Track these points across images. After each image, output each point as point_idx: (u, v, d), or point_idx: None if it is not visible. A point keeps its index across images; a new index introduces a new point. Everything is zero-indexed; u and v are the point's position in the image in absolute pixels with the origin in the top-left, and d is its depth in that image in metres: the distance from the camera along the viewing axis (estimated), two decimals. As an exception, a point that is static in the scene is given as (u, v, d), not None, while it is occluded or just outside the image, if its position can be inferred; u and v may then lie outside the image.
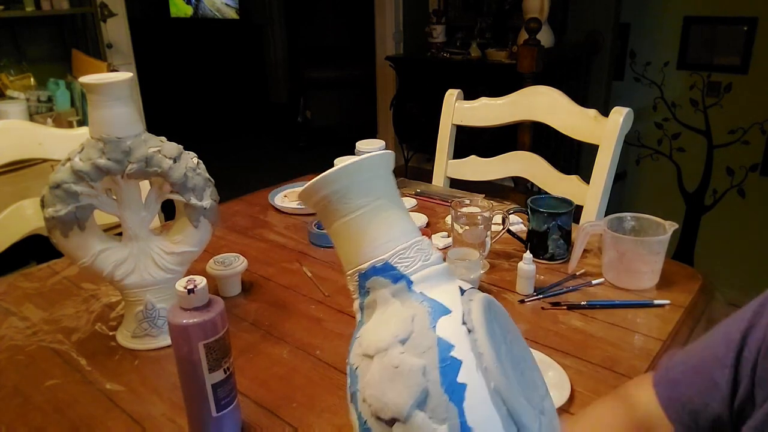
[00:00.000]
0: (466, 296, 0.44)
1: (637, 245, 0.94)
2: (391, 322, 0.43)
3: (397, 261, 0.45)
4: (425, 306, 0.43)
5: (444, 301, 0.43)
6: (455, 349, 0.39)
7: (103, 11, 2.68)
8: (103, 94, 0.75)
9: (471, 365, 0.39)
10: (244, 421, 0.69)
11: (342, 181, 0.45)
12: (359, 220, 0.45)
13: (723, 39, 2.54)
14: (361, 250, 0.45)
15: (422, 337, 0.40)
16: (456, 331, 0.40)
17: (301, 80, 4.96)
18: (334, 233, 0.47)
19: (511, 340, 0.45)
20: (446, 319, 0.41)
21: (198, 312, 0.62)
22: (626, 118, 1.21)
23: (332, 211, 0.46)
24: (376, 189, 0.45)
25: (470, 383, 0.38)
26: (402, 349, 0.41)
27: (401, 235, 0.46)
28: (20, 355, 0.84)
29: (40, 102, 2.44)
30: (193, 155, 0.83)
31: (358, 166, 0.45)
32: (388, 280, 0.44)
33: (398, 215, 0.46)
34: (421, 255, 0.45)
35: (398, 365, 0.40)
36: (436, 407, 0.38)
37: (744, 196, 2.66)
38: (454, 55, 3.00)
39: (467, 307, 0.42)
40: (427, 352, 0.40)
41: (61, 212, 0.77)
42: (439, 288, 0.44)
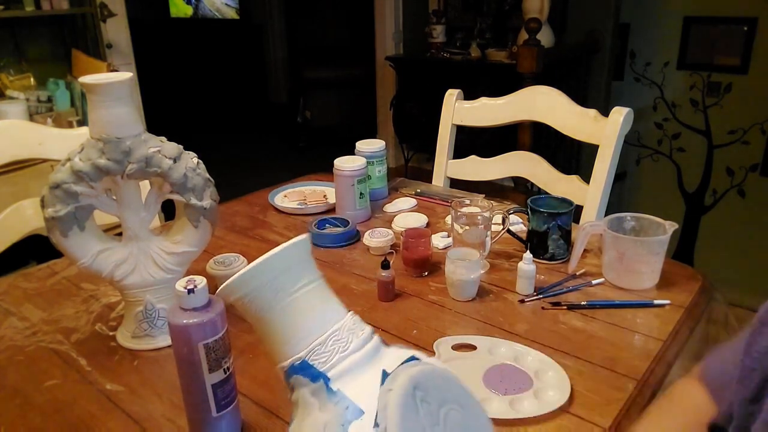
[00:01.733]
0: (387, 384, 0.43)
1: (637, 245, 0.94)
2: (309, 429, 0.43)
3: (314, 357, 0.45)
4: (339, 409, 0.43)
5: (361, 399, 0.43)
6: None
7: (103, 11, 2.68)
8: (103, 94, 0.75)
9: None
10: (244, 421, 0.69)
11: (252, 283, 0.45)
12: (275, 317, 0.46)
13: (723, 39, 2.54)
14: (281, 348, 0.46)
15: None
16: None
17: (301, 80, 4.96)
18: (256, 329, 0.48)
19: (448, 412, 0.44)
20: (358, 423, 0.41)
21: (198, 312, 0.62)
22: (626, 118, 1.21)
23: (248, 310, 0.47)
24: (288, 284, 0.46)
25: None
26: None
27: (318, 328, 0.46)
28: (20, 355, 0.84)
29: (40, 102, 2.44)
30: (193, 155, 0.83)
31: (261, 267, 0.45)
32: (307, 379, 0.45)
33: (315, 305, 0.46)
34: (339, 346, 0.45)
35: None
36: None
37: (744, 196, 2.66)
38: (454, 55, 3.01)
39: (383, 402, 0.41)
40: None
41: (61, 212, 0.77)
42: (359, 380, 0.44)
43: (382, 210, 1.32)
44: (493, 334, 0.84)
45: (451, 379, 0.46)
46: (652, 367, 0.76)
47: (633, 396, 0.71)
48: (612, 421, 0.67)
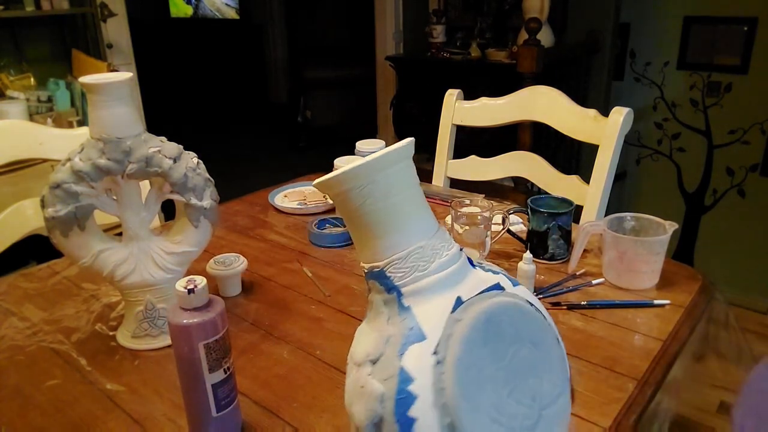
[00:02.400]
0: (457, 313, 0.42)
1: (637, 245, 0.94)
2: (371, 338, 0.43)
3: (392, 270, 0.44)
4: (405, 326, 0.42)
5: (427, 322, 0.42)
6: (415, 383, 0.40)
7: (103, 11, 2.68)
8: (103, 94, 0.75)
9: (427, 401, 0.39)
10: (244, 421, 0.69)
11: (357, 180, 0.43)
12: (364, 220, 0.44)
13: (723, 39, 2.54)
14: (366, 251, 0.45)
15: (389, 363, 0.41)
16: (422, 363, 0.40)
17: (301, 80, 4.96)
18: (348, 226, 0.47)
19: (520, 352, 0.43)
20: (417, 347, 0.41)
21: (198, 312, 0.62)
22: (626, 118, 1.21)
23: (345, 206, 0.45)
24: (384, 189, 0.44)
25: (421, 418, 0.39)
26: (370, 370, 0.42)
27: (404, 240, 0.44)
28: (20, 355, 0.84)
29: (40, 102, 2.44)
30: (193, 155, 0.83)
31: (372, 166, 0.43)
32: (382, 287, 0.44)
33: (405, 218, 0.44)
34: (419, 264, 0.44)
35: (364, 385, 0.42)
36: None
37: (744, 196, 2.66)
38: (454, 55, 3.01)
39: (448, 332, 0.41)
40: (388, 380, 0.40)
41: (61, 212, 0.77)
42: (432, 302, 0.43)
43: (382, 210, 1.32)
44: (493, 334, 0.84)
45: (530, 315, 0.45)
46: (652, 367, 0.76)
47: (633, 396, 0.71)
48: (612, 421, 0.67)
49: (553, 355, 0.46)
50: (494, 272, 0.47)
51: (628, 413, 0.68)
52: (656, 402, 0.72)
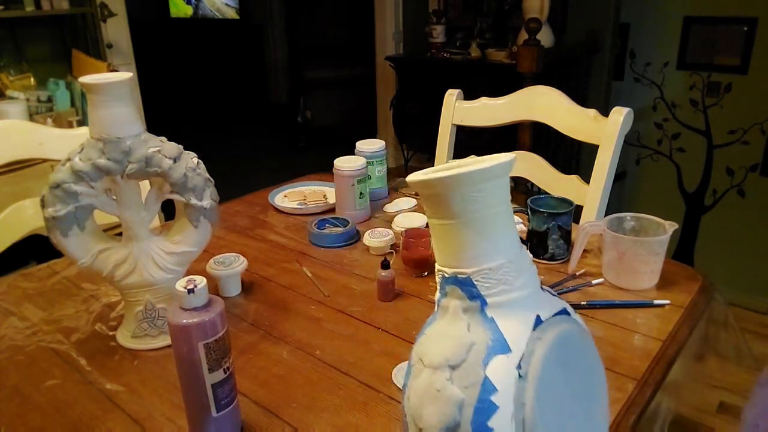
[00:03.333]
0: (537, 332, 0.43)
1: (637, 245, 0.94)
2: (451, 342, 0.44)
3: (479, 279, 0.44)
4: (488, 336, 0.43)
5: (510, 335, 0.43)
6: (497, 394, 0.40)
7: (103, 11, 2.68)
8: (103, 94, 0.75)
9: (507, 413, 0.40)
10: (244, 421, 0.69)
11: (463, 186, 0.43)
12: (458, 226, 0.44)
13: (723, 39, 2.54)
14: (451, 255, 0.45)
15: (471, 371, 0.41)
16: (506, 374, 0.41)
17: (301, 80, 4.96)
18: (432, 226, 0.47)
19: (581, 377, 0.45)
20: (502, 359, 0.41)
21: (198, 312, 0.62)
22: (626, 118, 1.21)
23: (436, 209, 0.45)
24: (486, 200, 0.44)
25: (498, 430, 0.40)
26: (449, 375, 0.42)
27: (493, 254, 0.44)
28: (20, 355, 0.84)
29: (40, 102, 2.44)
30: (193, 155, 0.83)
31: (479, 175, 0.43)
32: (464, 294, 0.45)
33: (499, 232, 0.45)
34: (506, 279, 0.44)
35: (440, 389, 0.42)
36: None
37: (744, 196, 2.66)
38: (454, 55, 3.01)
39: (530, 348, 0.42)
40: (470, 388, 0.41)
41: (61, 212, 0.77)
42: (513, 318, 0.44)
43: (382, 210, 1.32)
44: (493, 334, 0.84)
45: (590, 343, 0.47)
46: (651, 367, 0.76)
47: (633, 396, 0.71)
48: (612, 421, 0.67)
49: (602, 382, 0.48)
50: (556, 296, 0.49)
51: (627, 413, 0.68)
52: (656, 402, 0.72)
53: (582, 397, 0.44)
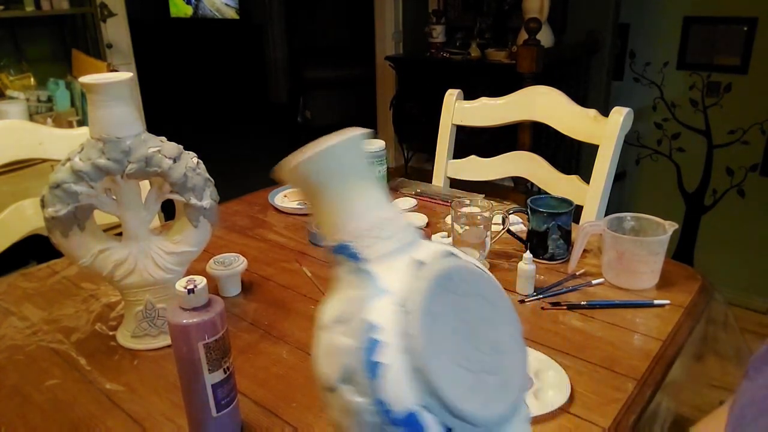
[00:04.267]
0: (418, 273, 0.45)
1: (637, 245, 0.94)
2: (339, 302, 0.47)
3: (357, 242, 0.47)
4: (370, 287, 0.45)
5: (391, 281, 0.45)
6: (381, 331, 0.42)
7: (103, 11, 2.68)
8: (103, 94, 0.75)
9: (395, 347, 0.42)
10: (244, 421, 0.69)
11: (317, 164, 0.47)
12: (327, 200, 0.48)
13: (723, 39, 2.54)
14: (331, 228, 0.49)
15: (357, 320, 0.44)
16: (388, 313, 0.43)
17: (301, 80, 4.96)
18: (310, 207, 0.50)
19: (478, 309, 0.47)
20: (383, 301, 0.44)
21: (198, 312, 0.62)
22: (626, 118, 1.21)
23: (306, 188, 0.49)
24: (344, 172, 0.48)
25: (389, 363, 0.41)
26: (338, 328, 0.45)
27: (363, 216, 0.48)
28: (20, 354, 0.84)
29: (40, 102, 2.44)
30: (193, 155, 0.83)
31: (330, 151, 0.47)
32: (347, 259, 0.48)
33: (365, 195, 0.48)
34: (380, 234, 0.48)
35: (332, 343, 0.45)
36: (359, 383, 0.42)
37: (744, 196, 2.66)
38: (453, 55, 3.01)
39: (412, 287, 0.44)
40: (355, 334, 0.43)
41: (61, 212, 0.77)
42: (393, 267, 0.46)
43: (382, 210, 1.32)
44: (493, 333, 0.84)
45: (479, 274, 0.48)
46: (651, 367, 0.77)
47: (632, 396, 0.71)
48: (612, 421, 0.67)
49: (504, 307, 0.49)
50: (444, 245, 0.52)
51: (627, 413, 0.69)
52: (656, 402, 0.73)
53: (482, 323, 0.47)
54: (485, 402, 0.44)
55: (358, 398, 0.42)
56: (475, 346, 0.45)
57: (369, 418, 0.42)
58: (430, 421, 0.41)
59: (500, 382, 0.45)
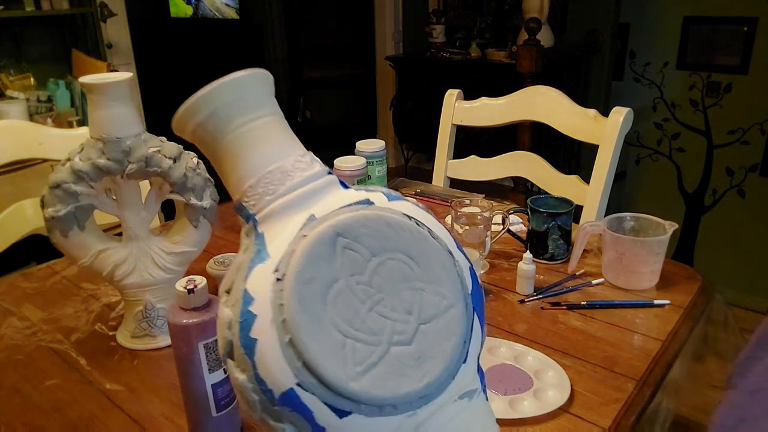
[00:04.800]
0: (305, 230, 0.40)
1: (637, 245, 0.94)
2: (229, 272, 0.42)
3: (246, 200, 0.43)
4: (253, 251, 0.41)
5: (274, 243, 0.40)
6: (255, 303, 0.38)
7: (103, 11, 2.68)
8: (103, 94, 0.75)
9: (266, 319, 0.37)
10: (244, 421, 0.69)
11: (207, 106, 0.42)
12: (225, 151, 0.43)
13: (723, 39, 2.54)
14: (229, 187, 0.44)
15: (236, 289, 0.40)
16: (263, 282, 0.39)
17: (301, 80, 4.96)
18: (213, 165, 0.46)
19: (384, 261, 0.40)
20: (260, 267, 0.39)
21: (198, 312, 0.62)
22: (626, 118, 1.21)
23: (202, 143, 0.44)
24: (240, 112, 0.43)
25: (261, 338, 0.37)
26: (224, 299, 0.41)
27: (251, 171, 0.43)
28: (19, 354, 0.84)
29: (40, 102, 2.43)
30: (193, 155, 0.83)
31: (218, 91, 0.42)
32: (243, 219, 0.44)
33: (266, 140, 0.43)
34: (267, 189, 0.42)
35: (219, 316, 0.41)
36: (238, 358, 0.38)
37: (744, 196, 2.66)
38: (453, 55, 3.01)
39: (291, 249, 0.39)
40: (235, 305, 0.39)
41: (61, 212, 0.77)
42: (281, 225, 0.41)
43: (382, 210, 1.32)
44: (493, 334, 0.84)
45: (401, 227, 0.41)
46: (651, 367, 0.77)
47: (632, 396, 0.71)
48: (612, 421, 0.67)
49: (439, 265, 0.41)
50: (370, 191, 0.45)
51: (627, 413, 0.69)
52: (656, 402, 0.73)
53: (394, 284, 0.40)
54: (385, 379, 0.37)
55: (240, 375, 0.38)
56: (380, 312, 0.39)
57: (252, 396, 0.38)
58: (312, 401, 0.36)
59: (414, 354, 0.39)
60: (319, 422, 0.36)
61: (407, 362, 0.38)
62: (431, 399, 0.38)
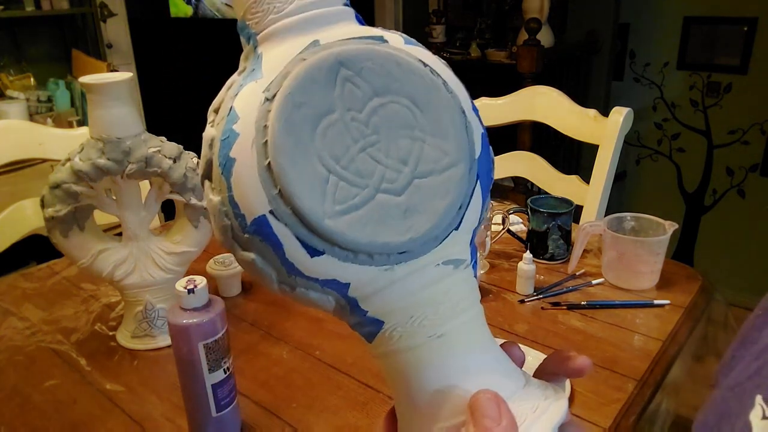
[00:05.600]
0: (306, 53, 0.37)
1: (637, 245, 0.94)
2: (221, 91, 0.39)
3: (249, 17, 0.39)
4: (248, 71, 0.38)
5: (270, 63, 0.37)
6: (239, 121, 0.35)
7: (103, 11, 2.68)
8: (103, 94, 0.75)
9: (248, 139, 0.34)
10: (244, 421, 0.69)
11: None
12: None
13: (723, 39, 2.54)
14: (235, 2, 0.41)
15: (224, 107, 0.37)
16: (251, 101, 0.36)
17: (301, 80, 4.95)
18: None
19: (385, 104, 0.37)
20: (251, 86, 0.36)
21: (198, 312, 0.62)
22: (626, 118, 1.21)
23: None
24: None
25: (240, 158, 0.34)
26: (211, 118, 0.38)
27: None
28: (20, 355, 0.84)
29: (40, 102, 2.44)
30: (193, 155, 0.83)
31: None
32: (244, 40, 0.40)
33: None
34: (273, 6, 0.39)
35: (204, 135, 0.38)
36: (215, 179, 0.35)
37: (744, 196, 2.66)
38: (454, 55, 3.01)
39: (287, 70, 0.36)
40: (219, 123, 0.36)
41: (61, 212, 0.77)
42: (283, 46, 0.38)
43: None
44: (493, 334, 0.84)
45: (413, 71, 0.37)
46: (651, 368, 0.76)
47: (633, 396, 0.71)
48: (612, 421, 0.67)
49: (448, 120, 0.38)
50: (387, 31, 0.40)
51: (627, 413, 0.68)
52: (656, 402, 0.73)
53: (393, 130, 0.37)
54: (364, 223, 0.34)
55: (215, 197, 0.35)
56: (371, 154, 0.36)
57: (224, 220, 0.35)
58: (284, 233, 0.33)
59: (402, 206, 0.35)
60: (288, 257, 0.34)
61: (393, 213, 0.35)
62: (412, 257, 0.35)
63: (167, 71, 5.85)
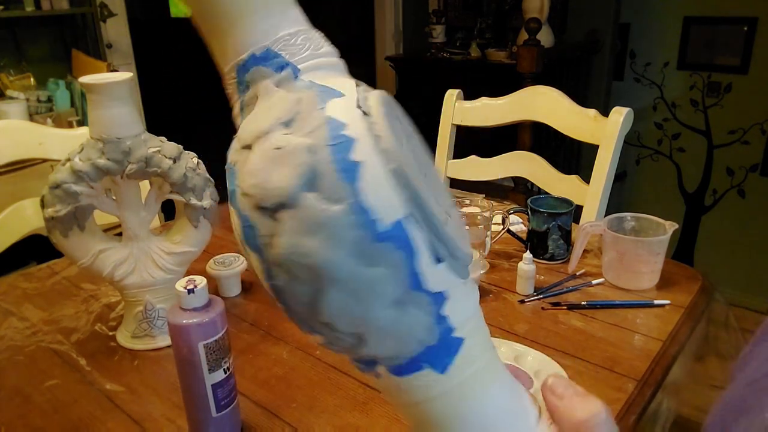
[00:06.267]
0: (362, 88, 0.37)
1: (637, 245, 0.94)
2: (273, 108, 0.36)
3: (281, 48, 0.38)
4: (314, 90, 0.36)
5: (336, 86, 0.37)
6: (348, 128, 0.34)
7: (103, 11, 2.68)
8: (103, 94, 0.75)
9: (367, 144, 0.33)
10: (244, 421, 0.69)
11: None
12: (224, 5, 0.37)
13: (723, 39, 2.54)
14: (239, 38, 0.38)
15: (309, 117, 0.35)
16: (350, 113, 0.35)
17: (301, 80, 4.95)
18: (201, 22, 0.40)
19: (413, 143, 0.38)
20: (338, 101, 0.35)
21: (198, 312, 0.61)
22: (626, 118, 1.21)
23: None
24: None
25: (366, 161, 0.33)
26: (286, 130, 0.35)
27: (285, 21, 0.39)
28: (20, 355, 0.84)
29: (40, 102, 2.43)
30: (193, 155, 0.83)
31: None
32: (270, 69, 0.38)
33: None
34: (310, 44, 0.39)
35: (281, 146, 0.34)
36: (329, 187, 0.33)
37: (744, 196, 2.66)
38: (454, 55, 3.01)
39: (363, 95, 0.36)
40: (314, 132, 0.34)
41: (61, 212, 0.77)
42: (331, 79, 0.38)
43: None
44: (493, 334, 0.84)
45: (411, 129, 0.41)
46: (651, 368, 0.76)
47: (633, 396, 0.71)
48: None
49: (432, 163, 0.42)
50: None
51: (627, 413, 0.68)
52: (657, 402, 0.72)
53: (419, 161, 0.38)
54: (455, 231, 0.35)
55: (332, 206, 0.32)
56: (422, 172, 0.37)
57: (346, 231, 0.32)
58: (419, 238, 0.32)
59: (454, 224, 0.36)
60: (416, 266, 0.32)
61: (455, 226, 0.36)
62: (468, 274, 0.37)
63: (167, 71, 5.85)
